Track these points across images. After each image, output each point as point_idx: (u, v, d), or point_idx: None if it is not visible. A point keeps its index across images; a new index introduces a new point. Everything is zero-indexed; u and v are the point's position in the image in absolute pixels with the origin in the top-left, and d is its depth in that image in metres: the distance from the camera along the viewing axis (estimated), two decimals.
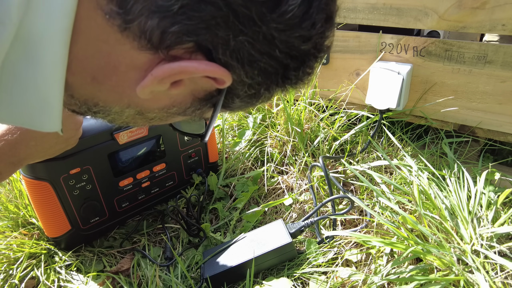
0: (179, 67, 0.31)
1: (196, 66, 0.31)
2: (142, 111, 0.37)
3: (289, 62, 0.34)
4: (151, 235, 0.87)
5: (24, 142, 0.56)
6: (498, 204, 0.67)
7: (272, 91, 0.37)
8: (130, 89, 0.33)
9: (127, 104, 0.35)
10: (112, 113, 0.37)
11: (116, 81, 0.33)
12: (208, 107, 0.39)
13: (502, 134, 0.86)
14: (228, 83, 0.33)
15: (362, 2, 0.87)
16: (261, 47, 0.31)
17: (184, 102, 0.37)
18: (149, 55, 0.31)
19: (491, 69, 0.79)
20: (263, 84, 0.35)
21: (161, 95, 0.35)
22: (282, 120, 1.02)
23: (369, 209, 0.67)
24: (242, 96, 0.37)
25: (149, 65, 0.31)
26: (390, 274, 0.63)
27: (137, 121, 0.39)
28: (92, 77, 0.32)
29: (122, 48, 0.30)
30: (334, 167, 0.96)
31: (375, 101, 0.91)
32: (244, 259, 0.71)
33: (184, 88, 0.34)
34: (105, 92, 0.34)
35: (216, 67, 0.31)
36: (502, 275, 0.56)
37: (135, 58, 0.31)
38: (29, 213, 0.85)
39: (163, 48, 0.30)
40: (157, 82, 0.31)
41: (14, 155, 0.56)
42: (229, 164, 1.02)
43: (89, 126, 0.73)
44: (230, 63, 0.32)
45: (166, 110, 0.37)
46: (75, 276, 0.76)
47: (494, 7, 0.72)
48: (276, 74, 0.35)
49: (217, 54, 0.31)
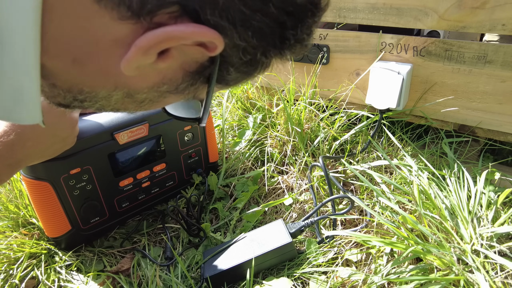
0: (164, 33, 0.28)
1: (182, 29, 0.28)
2: (131, 92, 0.34)
3: (286, 19, 0.31)
4: (151, 235, 0.87)
5: (21, 143, 0.56)
6: (498, 204, 0.67)
7: (269, 56, 0.34)
8: (115, 67, 0.30)
9: (114, 85, 0.33)
10: (100, 99, 0.34)
11: (99, 60, 0.30)
12: (202, 83, 0.36)
13: (502, 134, 0.86)
14: (220, 48, 0.30)
15: (362, 2, 0.87)
16: (253, 4, 0.29)
17: (175, 78, 0.34)
18: (131, 25, 0.28)
19: (491, 69, 0.79)
20: (259, 47, 0.32)
21: (149, 70, 0.32)
22: (282, 120, 1.02)
23: (369, 209, 0.67)
24: (237, 64, 0.34)
25: (133, 37, 0.28)
26: (390, 274, 0.63)
27: (127, 105, 0.36)
28: (73, 58, 0.30)
29: (101, 21, 0.28)
30: (334, 167, 0.96)
31: (375, 101, 0.91)
32: (244, 259, 0.71)
33: (173, 61, 0.31)
34: (89, 75, 0.31)
35: (206, 29, 0.29)
36: (502, 275, 0.56)
37: (116, 31, 0.28)
38: (29, 213, 0.85)
39: (145, 14, 0.27)
40: (142, 53, 0.29)
41: (11, 156, 0.55)
42: (229, 164, 1.02)
43: (89, 126, 0.73)
44: (221, 23, 0.29)
45: (156, 89, 0.34)
46: (75, 276, 0.76)
47: (494, 7, 0.72)
48: (273, 34, 0.32)
49: (205, 15, 0.28)
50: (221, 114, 1.07)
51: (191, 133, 0.89)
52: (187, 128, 0.88)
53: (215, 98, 1.37)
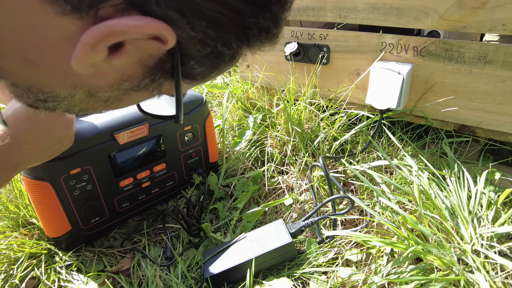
0: (107, 27, 0.26)
1: (126, 22, 0.26)
2: (91, 91, 0.32)
3: (243, 6, 0.29)
4: (151, 235, 0.87)
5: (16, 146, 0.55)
6: (498, 204, 0.67)
7: (232, 47, 0.32)
8: (69, 65, 0.28)
9: (73, 85, 0.31)
10: (62, 99, 0.33)
11: (50, 59, 0.29)
12: (165, 78, 0.34)
13: (502, 134, 0.86)
14: (172, 41, 0.28)
15: (362, 2, 0.87)
16: None
17: (135, 75, 0.32)
18: (76, 20, 0.26)
19: (491, 69, 0.79)
20: (218, 38, 0.30)
21: (105, 67, 0.30)
22: (282, 120, 1.02)
23: (369, 209, 0.67)
24: (198, 58, 0.32)
25: (81, 33, 0.27)
26: (390, 274, 0.63)
27: (93, 105, 0.35)
28: (24, 58, 0.28)
29: (45, 17, 0.26)
30: (334, 167, 0.96)
31: (375, 101, 0.91)
32: (244, 259, 0.71)
33: (128, 57, 0.30)
34: (44, 74, 0.30)
35: (152, 21, 0.27)
36: (503, 275, 0.56)
37: (62, 27, 0.27)
38: (30, 213, 0.85)
39: (87, 8, 0.26)
40: (90, 49, 0.27)
41: (7, 160, 0.55)
42: (229, 164, 1.02)
43: (90, 126, 0.73)
44: (168, 14, 0.27)
45: (117, 87, 0.33)
46: (76, 276, 0.76)
47: (494, 7, 0.72)
48: (231, 23, 0.30)
49: (149, 6, 0.26)
50: (221, 114, 1.07)
51: (191, 133, 0.89)
52: (187, 128, 0.88)
53: (215, 98, 1.37)
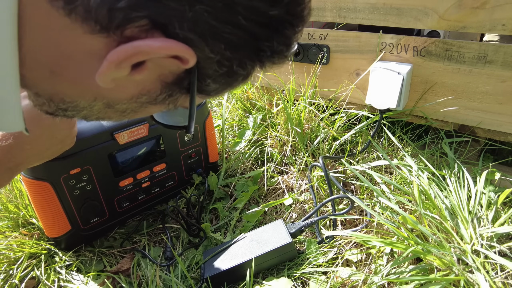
0: (133, 48, 0.28)
1: (150, 44, 0.28)
2: (110, 103, 0.34)
3: (258, 31, 0.31)
4: (151, 235, 0.87)
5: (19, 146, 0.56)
6: (498, 204, 0.67)
7: (246, 67, 0.34)
8: (92, 79, 0.30)
9: (93, 97, 0.33)
10: (82, 109, 0.35)
11: (75, 72, 0.30)
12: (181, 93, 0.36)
13: (502, 134, 0.86)
14: (192, 61, 0.30)
15: (362, 2, 0.87)
16: (223, 16, 0.28)
17: (153, 89, 0.34)
18: (102, 38, 0.28)
19: (491, 69, 0.79)
20: (233, 59, 0.32)
21: (126, 82, 0.32)
22: (282, 120, 1.02)
23: (369, 209, 0.67)
24: (214, 76, 0.34)
25: (106, 50, 0.29)
26: (390, 274, 0.63)
27: (110, 115, 0.37)
28: (50, 70, 0.30)
29: (73, 34, 0.28)
30: (334, 167, 0.96)
31: (375, 101, 0.91)
32: (244, 259, 0.71)
33: (148, 73, 0.31)
34: (67, 86, 0.32)
35: (175, 43, 0.29)
36: (502, 275, 0.56)
37: (89, 44, 0.28)
38: (29, 213, 0.85)
39: (114, 28, 0.27)
40: (114, 67, 0.29)
41: (10, 160, 0.56)
42: (229, 164, 1.02)
43: (89, 126, 0.73)
44: (190, 37, 0.29)
45: (136, 100, 0.35)
46: (75, 276, 0.76)
47: (494, 7, 0.72)
48: (246, 46, 0.32)
49: (173, 29, 0.28)
50: (221, 114, 1.07)
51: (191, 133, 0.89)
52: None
53: (215, 98, 1.37)
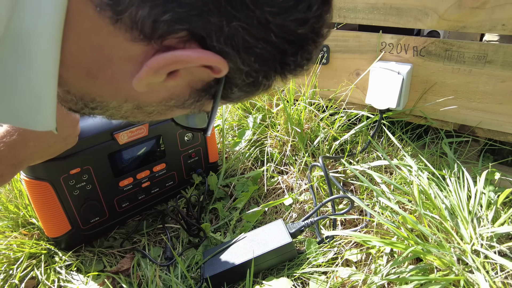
0: (173, 57, 0.30)
1: (190, 54, 0.30)
2: (140, 105, 0.36)
3: (287, 47, 0.33)
4: (151, 235, 0.87)
5: (23, 143, 0.56)
6: (498, 204, 0.67)
7: (270, 78, 0.37)
8: (126, 82, 0.32)
9: (125, 98, 0.35)
10: (110, 108, 0.37)
11: (111, 75, 0.32)
12: (207, 99, 0.38)
13: (502, 134, 0.86)
14: (224, 72, 0.33)
15: (362, 2, 0.87)
16: (256, 32, 0.31)
17: (182, 94, 0.36)
18: (142, 46, 0.30)
19: (491, 69, 0.79)
20: (260, 71, 0.35)
21: (158, 87, 0.34)
22: (282, 120, 1.02)
23: (369, 209, 0.67)
24: (241, 85, 0.36)
25: (144, 56, 0.31)
26: (390, 274, 0.63)
27: (136, 115, 0.39)
28: (87, 71, 0.32)
29: (115, 40, 0.30)
30: (334, 167, 0.96)
31: (375, 101, 0.91)
32: (244, 259, 0.71)
33: (181, 80, 0.34)
34: (101, 87, 0.34)
35: (211, 55, 0.31)
36: (502, 275, 0.56)
37: (129, 50, 0.31)
38: (29, 213, 0.85)
39: (156, 38, 0.30)
40: (153, 73, 0.31)
41: (14, 156, 0.56)
42: (229, 164, 1.02)
43: (89, 126, 0.73)
44: (225, 50, 0.31)
45: (165, 103, 0.37)
46: (75, 276, 0.76)
47: (494, 7, 0.72)
48: (274, 60, 0.34)
49: (211, 42, 0.30)
50: (221, 114, 1.07)
51: (191, 133, 0.89)
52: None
53: None
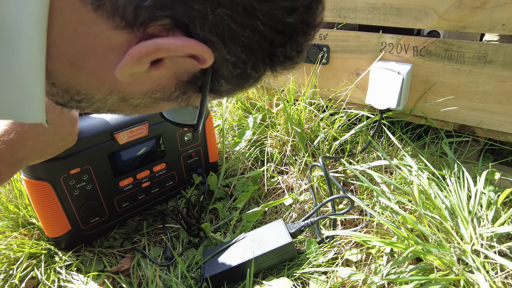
0: (156, 44, 0.29)
1: (172, 42, 0.30)
2: (125, 96, 0.36)
3: (274, 36, 0.32)
4: (151, 235, 0.87)
5: (21, 141, 0.56)
6: (498, 204, 0.67)
7: (259, 70, 0.36)
8: (110, 73, 0.32)
9: (109, 90, 0.34)
10: (96, 101, 0.36)
11: (95, 65, 0.32)
12: (194, 92, 0.37)
13: (502, 133, 0.86)
14: (210, 61, 0.32)
15: (362, 2, 0.87)
16: (242, 20, 0.30)
17: (168, 86, 0.36)
18: (125, 34, 0.30)
19: (491, 69, 0.79)
20: (248, 62, 0.34)
21: (142, 78, 0.33)
22: (282, 120, 1.02)
23: (369, 209, 0.67)
24: (228, 77, 0.35)
25: (127, 45, 0.30)
26: (390, 274, 0.63)
27: (123, 108, 0.38)
28: (71, 62, 0.31)
29: (97, 29, 0.29)
30: (334, 167, 0.96)
31: (375, 101, 0.91)
32: (244, 259, 0.71)
33: (165, 70, 0.33)
34: (85, 78, 0.33)
35: (195, 43, 0.30)
36: (502, 275, 0.56)
37: (112, 39, 0.30)
38: (29, 213, 0.85)
39: (139, 25, 0.29)
40: (135, 62, 0.30)
41: (12, 155, 0.56)
42: (229, 164, 1.02)
43: (89, 126, 0.73)
44: (210, 38, 0.30)
45: (150, 95, 0.36)
46: (75, 276, 0.76)
47: (494, 7, 0.72)
48: (262, 50, 0.33)
49: (195, 29, 0.30)
50: (221, 114, 1.07)
51: (191, 133, 0.89)
52: (187, 128, 0.88)
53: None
